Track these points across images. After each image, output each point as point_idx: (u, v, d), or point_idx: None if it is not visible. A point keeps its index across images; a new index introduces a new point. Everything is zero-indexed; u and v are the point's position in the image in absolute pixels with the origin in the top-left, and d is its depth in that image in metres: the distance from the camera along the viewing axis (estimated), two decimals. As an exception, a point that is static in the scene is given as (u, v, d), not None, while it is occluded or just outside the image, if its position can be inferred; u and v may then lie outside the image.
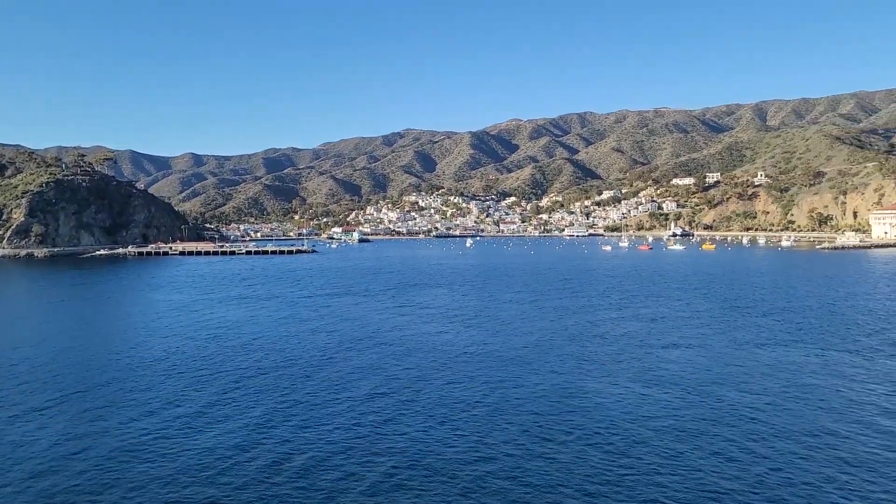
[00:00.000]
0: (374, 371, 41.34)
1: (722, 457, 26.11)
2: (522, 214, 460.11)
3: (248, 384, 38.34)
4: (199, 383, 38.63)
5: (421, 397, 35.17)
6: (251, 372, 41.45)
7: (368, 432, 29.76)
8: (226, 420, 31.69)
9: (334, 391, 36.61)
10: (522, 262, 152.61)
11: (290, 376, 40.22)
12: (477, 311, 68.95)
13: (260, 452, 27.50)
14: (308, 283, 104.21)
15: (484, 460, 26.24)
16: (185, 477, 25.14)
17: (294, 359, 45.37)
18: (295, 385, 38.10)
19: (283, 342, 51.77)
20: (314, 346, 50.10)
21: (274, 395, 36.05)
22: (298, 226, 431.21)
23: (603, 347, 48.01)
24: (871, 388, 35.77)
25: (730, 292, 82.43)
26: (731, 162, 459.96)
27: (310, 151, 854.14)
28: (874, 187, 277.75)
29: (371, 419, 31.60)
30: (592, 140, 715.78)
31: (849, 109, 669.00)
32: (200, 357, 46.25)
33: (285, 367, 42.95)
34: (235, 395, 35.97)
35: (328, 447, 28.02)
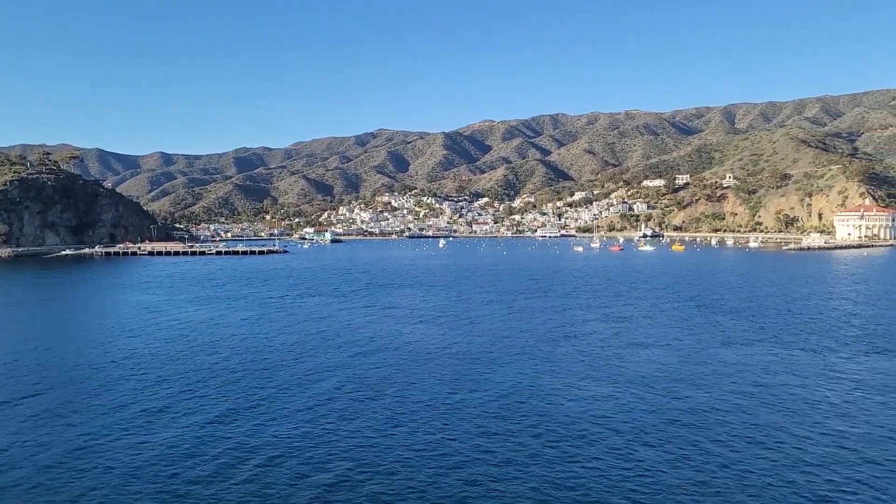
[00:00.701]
0: (341, 371, 41.06)
1: (680, 455, 26.34)
2: (495, 215, 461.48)
3: (212, 384, 37.83)
4: (163, 383, 38.02)
5: (386, 397, 35.02)
6: (217, 372, 40.91)
7: (329, 431, 29.54)
8: (186, 419, 31.22)
9: (299, 391, 36.27)
10: (495, 263, 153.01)
11: (256, 377, 39.77)
12: (448, 311, 68.94)
13: (218, 451, 27.24)
14: (278, 283, 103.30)
15: (444, 460, 26.15)
16: (140, 476, 24.91)
17: (261, 359, 44.89)
18: (260, 385, 37.66)
19: (251, 343, 51.20)
20: (282, 346, 49.63)
21: (238, 395, 35.61)
22: (270, 226, 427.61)
23: (571, 347, 48.28)
24: (830, 387, 36.45)
25: (697, 293, 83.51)
26: (700, 164, 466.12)
27: (281, 151, 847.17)
28: (838, 189, 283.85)
29: (333, 418, 31.36)
30: (564, 141, 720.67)
31: (814, 113, 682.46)
32: (166, 358, 45.54)
33: (252, 367, 42.47)
34: (198, 395, 35.48)
35: (288, 446, 27.82)
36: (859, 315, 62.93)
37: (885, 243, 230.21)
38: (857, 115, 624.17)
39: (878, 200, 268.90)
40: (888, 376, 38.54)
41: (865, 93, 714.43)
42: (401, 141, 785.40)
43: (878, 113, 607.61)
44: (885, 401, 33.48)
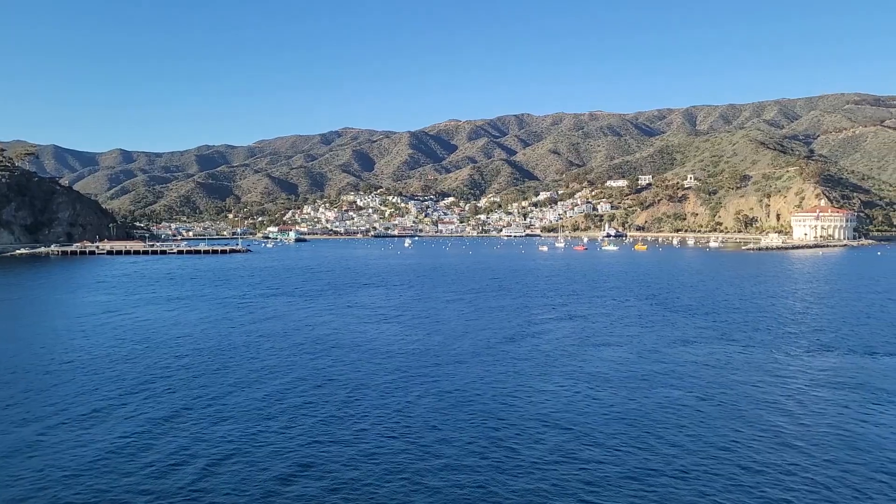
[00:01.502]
0: (297, 370, 40.37)
1: (645, 452, 26.46)
2: (461, 215, 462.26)
3: (165, 384, 36.82)
4: (115, 383, 36.90)
5: (340, 396, 34.49)
6: (171, 372, 39.89)
7: (278, 431, 28.93)
8: (133, 419, 30.21)
9: (252, 391, 35.48)
10: (460, 263, 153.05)
11: (210, 377, 38.84)
12: (411, 310, 68.58)
13: (163, 452, 26.59)
14: (241, 283, 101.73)
15: (390, 459, 25.78)
16: (83, 476, 24.25)
17: (217, 359, 43.91)
18: (212, 385, 36.78)
19: (208, 343, 50.14)
20: (240, 346, 48.69)
21: (189, 395, 34.69)
22: (232, 225, 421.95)
23: (536, 346, 48.33)
24: (783, 384, 37.05)
25: (658, 292, 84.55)
26: (662, 165, 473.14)
27: (244, 149, 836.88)
28: (795, 191, 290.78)
29: (284, 418, 30.69)
30: (530, 141, 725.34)
31: (772, 116, 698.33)
32: (120, 358, 44.26)
33: (207, 367, 41.49)
34: (149, 396, 34.50)
35: (233, 447, 27.24)
36: (812, 314, 64.32)
37: (839, 243, 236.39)
38: (813, 118, 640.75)
39: (833, 201, 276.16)
40: (838, 373, 39.35)
41: (821, 96, 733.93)
42: (366, 140, 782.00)
43: (833, 116, 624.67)
44: (834, 397, 34.12)
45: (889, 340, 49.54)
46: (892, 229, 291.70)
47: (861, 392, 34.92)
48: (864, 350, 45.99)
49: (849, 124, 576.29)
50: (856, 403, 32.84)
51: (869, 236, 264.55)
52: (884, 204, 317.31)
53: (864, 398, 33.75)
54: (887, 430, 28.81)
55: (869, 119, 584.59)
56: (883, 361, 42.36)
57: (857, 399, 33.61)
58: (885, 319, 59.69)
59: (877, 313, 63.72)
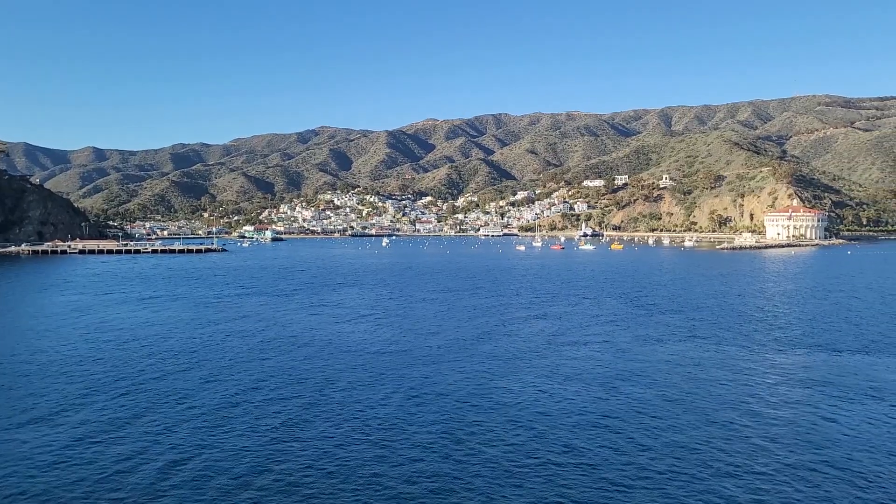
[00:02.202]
0: (280, 372, 40.18)
1: (616, 450, 26.73)
2: (438, 214, 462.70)
3: (136, 386, 36.38)
4: (90, 388, 36.41)
5: (326, 398, 34.41)
6: (142, 374, 39.43)
7: (239, 432, 28.74)
8: (90, 422, 29.88)
9: (218, 390, 35.21)
10: (438, 262, 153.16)
11: (190, 379, 38.53)
12: (390, 310, 68.54)
13: (116, 454, 26.25)
14: (216, 282, 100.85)
15: (348, 460, 25.73)
16: (38, 478, 23.92)
17: (196, 361, 43.53)
18: (178, 386, 36.42)
19: (181, 343, 49.66)
20: (213, 347, 48.28)
21: (153, 396, 34.32)
22: (208, 224, 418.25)
23: (512, 345, 48.57)
24: (759, 380, 37.68)
25: (633, 291, 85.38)
26: (638, 165, 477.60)
27: (220, 147, 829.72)
28: (768, 191, 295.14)
29: (248, 418, 30.55)
30: (507, 141, 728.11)
31: (746, 116, 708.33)
32: (89, 359, 43.65)
33: (176, 367, 41.10)
34: (112, 396, 34.08)
35: (190, 448, 26.96)
36: (781, 313, 65.40)
37: (810, 243, 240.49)
38: (786, 119, 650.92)
39: (805, 202, 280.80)
40: (805, 371, 40.08)
41: (793, 98, 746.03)
42: (343, 139, 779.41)
43: (805, 117, 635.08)
44: (800, 395, 34.76)
45: (854, 339, 50.54)
46: (862, 229, 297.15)
47: (826, 389, 35.60)
48: (831, 348, 46.88)
49: (820, 125, 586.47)
50: (821, 401, 33.47)
51: (839, 236, 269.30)
52: (854, 204, 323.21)
53: (829, 395, 34.41)
54: (850, 428, 29.42)
55: (840, 120, 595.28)
56: (848, 359, 43.22)
57: (822, 397, 34.26)
58: (851, 319, 60.86)
59: (843, 312, 64.95)
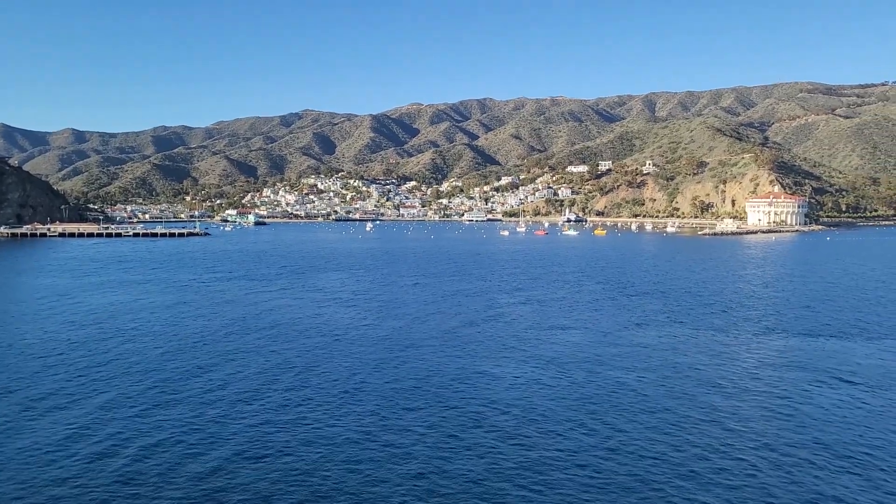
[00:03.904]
0: (249, 354, 40.19)
1: (590, 432, 27.17)
2: (423, 199, 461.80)
3: (114, 371, 36.27)
4: (61, 370, 36.25)
5: (306, 383, 34.51)
6: (121, 359, 39.29)
7: (217, 419, 28.82)
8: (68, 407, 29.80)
9: (199, 375, 35.22)
10: (422, 247, 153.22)
11: (158, 362, 38.36)
12: (373, 295, 68.64)
13: (95, 440, 26.36)
14: (198, 266, 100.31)
15: (330, 445, 25.93)
16: (10, 463, 24.07)
17: (170, 346, 43.40)
18: (159, 370, 36.35)
19: (163, 328, 49.52)
20: (195, 331, 48.19)
21: (132, 380, 34.25)
22: (190, 207, 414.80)
23: (495, 330, 48.92)
24: (736, 364, 38.32)
25: (616, 276, 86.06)
26: (622, 151, 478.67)
27: (202, 130, 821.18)
28: (750, 177, 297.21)
29: (225, 404, 30.61)
30: (492, 126, 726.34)
31: (729, 103, 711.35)
32: (69, 344, 43.46)
33: (156, 352, 41.00)
34: (90, 381, 34.01)
35: (170, 433, 27.01)
36: (760, 298, 66.31)
37: (791, 229, 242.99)
38: (768, 105, 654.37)
39: (786, 188, 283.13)
40: (783, 355, 40.82)
41: (776, 84, 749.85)
42: (327, 122, 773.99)
43: (787, 104, 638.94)
44: (779, 378, 35.43)
45: (831, 324, 51.42)
46: (841, 215, 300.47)
47: (801, 373, 36.29)
48: (807, 333, 47.68)
49: (802, 112, 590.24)
50: (795, 384, 34.14)
51: (819, 222, 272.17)
52: (833, 191, 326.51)
53: (804, 379, 35.10)
54: (823, 410, 30.07)
55: (821, 107, 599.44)
56: (825, 343, 44.02)
57: (796, 380, 34.94)
58: (829, 304, 61.85)
59: (821, 297, 65.96)
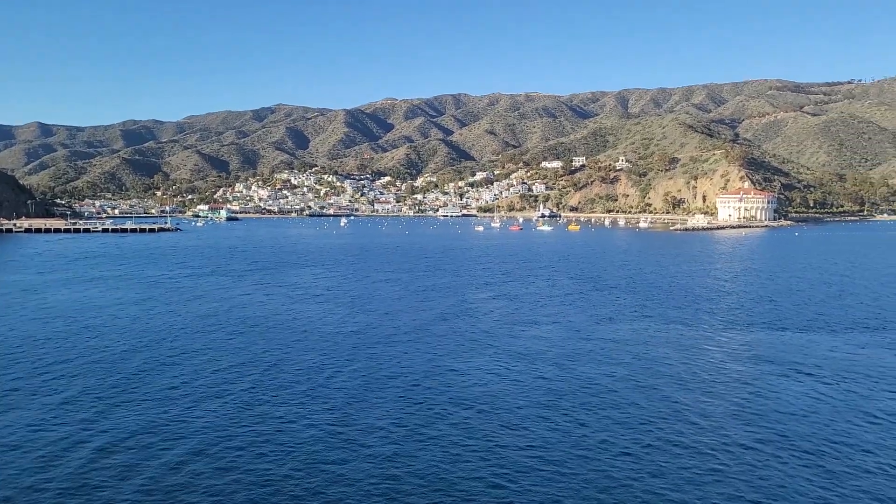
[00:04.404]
0: (230, 353, 39.70)
1: (555, 427, 27.30)
2: (397, 194, 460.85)
3: (77, 369, 35.53)
4: (22, 368, 35.48)
5: (274, 380, 34.15)
6: (85, 356, 38.49)
7: (177, 417, 28.37)
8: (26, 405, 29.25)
9: (164, 372, 34.64)
10: (396, 242, 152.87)
11: (127, 361, 37.68)
12: (347, 290, 68.31)
13: (52, 438, 25.84)
14: (168, 262, 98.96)
15: (307, 443, 25.69)
16: None
17: (137, 343, 42.64)
18: (123, 367, 35.75)
19: (130, 325, 48.70)
20: (163, 328, 47.45)
21: (95, 377, 33.60)
22: (161, 203, 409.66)
23: (467, 326, 48.95)
24: (704, 358, 38.80)
25: (589, 271, 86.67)
26: (595, 147, 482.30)
27: (173, 124, 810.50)
28: (721, 173, 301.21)
29: (187, 402, 30.13)
30: (466, 122, 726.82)
31: (700, 100, 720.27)
32: (32, 341, 42.46)
33: (125, 351, 40.16)
34: (56, 380, 33.26)
35: (127, 432, 26.51)
36: (730, 292, 67.23)
37: (760, 224, 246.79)
38: (739, 102, 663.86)
39: (756, 184, 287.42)
40: (751, 348, 41.45)
41: (746, 82, 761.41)
42: (301, 117, 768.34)
43: (757, 101, 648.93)
44: (747, 372, 35.96)
45: (796, 317, 52.31)
46: (809, 211, 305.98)
47: (767, 366, 36.86)
48: (774, 326, 48.46)
49: (771, 109, 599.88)
50: (761, 378, 34.66)
51: (788, 217, 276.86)
52: (801, 187, 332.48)
53: (770, 373, 35.64)
54: (790, 403, 30.56)
55: (789, 105, 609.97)
56: (791, 337, 44.76)
57: (762, 373, 35.46)
58: (795, 298, 62.92)
59: (788, 292, 67.07)
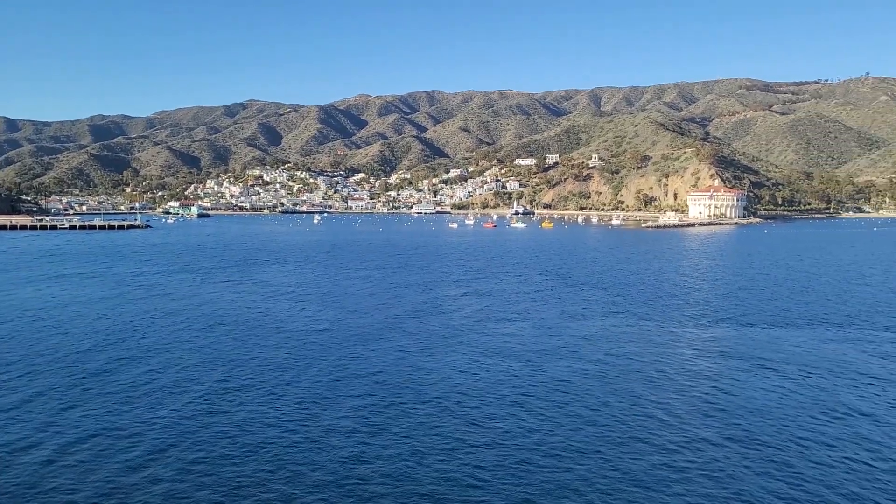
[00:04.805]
0: (196, 352, 39.09)
1: (520, 424, 27.34)
2: (371, 191, 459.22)
3: (34, 368, 34.73)
4: (-3, 372, 34.72)
5: (239, 378, 33.68)
6: (45, 355, 37.64)
7: (171, 416, 27.93)
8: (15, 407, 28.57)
9: (130, 373, 34.00)
10: (370, 239, 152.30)
11: (89, 359, 36.92)
12: (319, 288, 67.81)
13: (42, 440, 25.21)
14: (138, 259, 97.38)
15: (267, 442, 25.39)
16: None
17: (99, 341, 41.75)
18: (88, 368, 34.97)
19: (94, 323, 47.70)
20: (128, 326, 46.55)
21: (51, 377, 32.95)
22: (130, 199, 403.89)
23: (439, 322, 48.86)
24: (673, 354, 39.16)
25: (562, 268, 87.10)
26: (568, 144, 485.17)
27: (143, 120, 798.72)
28: (692, 171, 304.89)
29: (177, 403, 29.62)
30: (440, 119, 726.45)
31: (672, 98, 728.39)
32: (0, 343, 41.62)
33: (86, 349, 39.30)
34: (13, 380, 32.57)
35: (81, 434, 25.93)
36: (699, 289, 68.01)
37: (730, 221, 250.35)
38: (709, 101, 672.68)
39: (726, 182, 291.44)
40: (719, 343, 41.95)
41: (716, 81, 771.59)
42: (273, 113, 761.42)
43: (727, 100, 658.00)
44: (714, 367, 36.38)
45: (763, 313, 53.05)
46: (778, 208, 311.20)
47: (735, 362, 37.30)
48: (742, 323, 49.09)
49: (741, 108, 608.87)
50: (728, 373, 35.06)
51: (757, 215, 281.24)
52: (770, 184, 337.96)
53: (737, 368, 36.07)
54: (755, 399, 30.95)
55: (759, 104, 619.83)
56: (758, 332, 45.37)
57: (729, 369, 35.87)
58: (763, 294, 63.83)
59: (755, 288, 68.02)
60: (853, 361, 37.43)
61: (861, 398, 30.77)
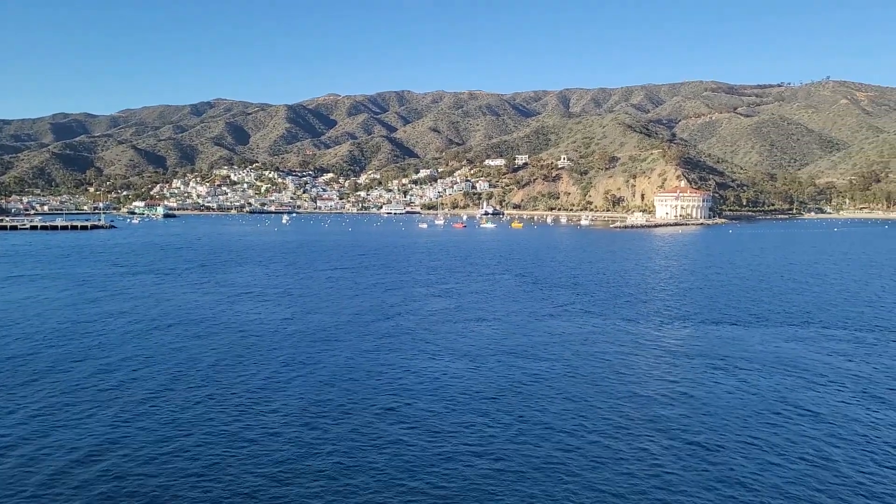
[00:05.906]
0: (150, 353, 38.44)
1: (501, 423, 27.51)
2: (340, 191, 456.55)
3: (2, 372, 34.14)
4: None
5: (212, 379, 33.33)
6: (12, 359, 36.87)
7: (112, 419, 27.46)
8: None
9: (74, 374, 33.43)
10: (339, 240, 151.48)
11: (34, 360, 36.29)
12: (289, 288, 67.24)
13: None
14: (102, 260, 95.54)
15: (204, 443, 25.19)
16: None
17: (73, 345, 41.01)
18: (33, 369, 34.42)
19: (62, 325, 46.74)
20: (95, 327, 45.73)
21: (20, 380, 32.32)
22: (94, 199, 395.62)
23: (410, 323, 48.81)
24: (640, 353, 39.69)
25: (531, 268, 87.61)
26: (538, 145, 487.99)
27: (107, 118, 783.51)
28: (659, 172, 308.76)
29: (123, 404, 29.22)
30: (410, 119, 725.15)
31: (639, 100, 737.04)
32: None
33: (60, 352, 38.59)
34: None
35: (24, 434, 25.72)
36: (666, 288, 69.00)
37: (696, 222, 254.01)
38: (676, 103, 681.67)
39: (692, 183, 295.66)
40: (686, 341, 42.62)
41: (683, 83, 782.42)
42: (240, 112, 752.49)
43: (693, 102, 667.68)
44: (684, 363, 36.95)
45: (729, 312, 54.03)
46: (742, 209, 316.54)
47: (700, 360, 37.94)
48: (708, 321, 49.94)
49: (706, 110, 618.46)
50: (698, 370, 35.66)
51: (722, 215, 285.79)
52: (735, 185, 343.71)
53: (702, 366, 36.70)
54: (720, 396, 31.53)
55: (724, 106, 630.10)
56: (723, 331, 46.20)
57: (694, 368, 36.49)
58: (728, 293, 65.00)
59: (721, 287, 69.23)
60: (812, 360, 38.33)
61: (815, 397, 31.54)
